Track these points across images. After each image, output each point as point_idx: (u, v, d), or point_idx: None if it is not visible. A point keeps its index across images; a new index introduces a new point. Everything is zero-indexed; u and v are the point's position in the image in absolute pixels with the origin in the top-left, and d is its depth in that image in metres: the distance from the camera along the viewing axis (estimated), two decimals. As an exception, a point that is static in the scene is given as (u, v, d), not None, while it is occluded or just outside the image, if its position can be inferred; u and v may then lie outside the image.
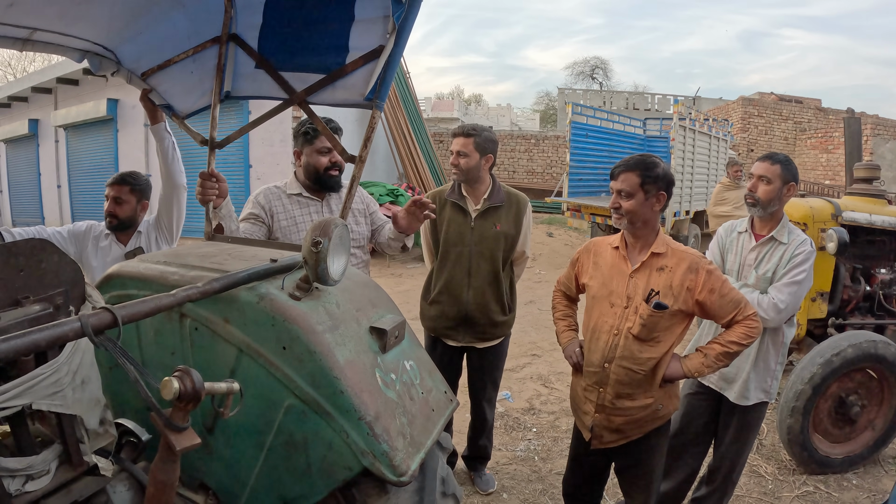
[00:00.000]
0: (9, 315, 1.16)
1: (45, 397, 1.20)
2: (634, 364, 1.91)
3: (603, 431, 2.02)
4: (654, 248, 1.93)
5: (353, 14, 1.52)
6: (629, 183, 1.90)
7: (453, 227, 2.60)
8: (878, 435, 3.18)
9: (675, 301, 1.87)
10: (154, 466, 0.96)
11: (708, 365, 1.90)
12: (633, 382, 1.92)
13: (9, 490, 1.18)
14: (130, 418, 1.50)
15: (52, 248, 1.26)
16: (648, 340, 1.90)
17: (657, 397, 1.95)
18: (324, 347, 1.17)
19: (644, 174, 1.88)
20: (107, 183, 2.57)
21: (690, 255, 1.91)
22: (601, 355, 1.97)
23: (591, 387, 2.01)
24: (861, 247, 3.77)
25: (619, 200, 1.93)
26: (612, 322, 1.95)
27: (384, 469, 1.16)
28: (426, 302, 2.73)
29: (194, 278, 1.32)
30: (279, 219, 2.22)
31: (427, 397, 1.40)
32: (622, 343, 1.92)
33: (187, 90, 2.03)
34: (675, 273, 1.89)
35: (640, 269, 1.94)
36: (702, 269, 1.87)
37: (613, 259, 2.02)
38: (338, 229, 1.19)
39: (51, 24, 1.73)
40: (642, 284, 1.91)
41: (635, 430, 1.99)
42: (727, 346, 1.87)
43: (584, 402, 2.06)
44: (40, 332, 0.90)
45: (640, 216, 1.91)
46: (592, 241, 2.17)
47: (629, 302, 1.93)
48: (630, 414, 1.95)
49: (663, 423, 2.03)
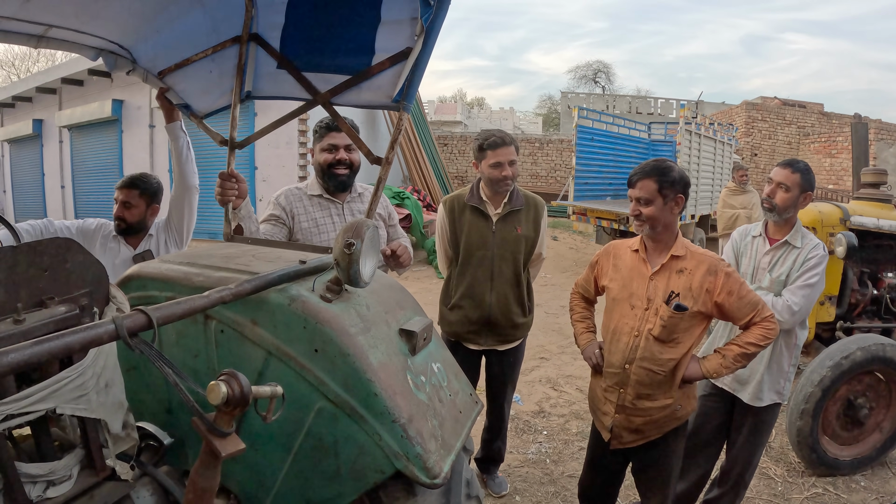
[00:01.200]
0: (34, 316, 1.14)
1: (70, 401, 1.18)
2: (655, 365, 1.93)
3: (623, 432, 2.04)
4: (673, 251, 1.95)
5: (380, 15, 1.51)
6: (647, 189, 1.92)
7: (475, 232, 2.59)
8: (886, 437, 3.21)
9: (695, 303, 1.90)
10: (194, 472, 0.94)
11: (726, 366, 1.91)
12: (653, 383, 1.94)
13: (30, 496, 1.16)
14: (149, 421, 1.49)
15: (77, 248, 1.24)
16: (668, 342, 1.92)
17: (676, 398, 1.97)
18: (357, 350, 1.16)
19: (661, 179, 1.91)
20: (116, 186, 2.50)
21: (709, 258, 1.93)
22: (622, 356, 1.99)
23: (612, 388, 2.03)
24: (869, 251, 3.79)
25: (638, 207, 1.95)
26: (633, 323, 1.97)
27: (417, 471, 1.15)
28: (446, 307, 2.70)
29: (220, 280, 1.31)
30: (300, 220, 2.21)
31: (455, 399, 1.39)
32: (643, 344, 1.94)
33: (206, 90, 2.02)
34: (694, 275, 1.91)
35: (660, 272, 1.96)
36: (720, 271, 1.89)
37: (633, 262, 2.04)
38: (369, 231, 1.18)
39: (66, 22, 1.71)
40: (662, 286, 1.94)
41: (654, 431, 2.02)
42: (745, 347, 1.89)
43: (603, 403, 2.08)
44: (73, 335, 0.88)
45: (661, 221, 1.94)
46: (612, 244, 2.19)
47: (649, 304, 1.95)
48: (650, 414, 1.98)
49: (681, 423, 2.05)
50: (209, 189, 2.01)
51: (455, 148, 17.26)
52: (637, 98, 28.41)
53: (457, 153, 17.18)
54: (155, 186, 2.54)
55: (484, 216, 2.59)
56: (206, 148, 4.15)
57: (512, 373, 2.81)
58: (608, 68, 37.95)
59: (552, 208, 12.02)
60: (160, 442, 1.49)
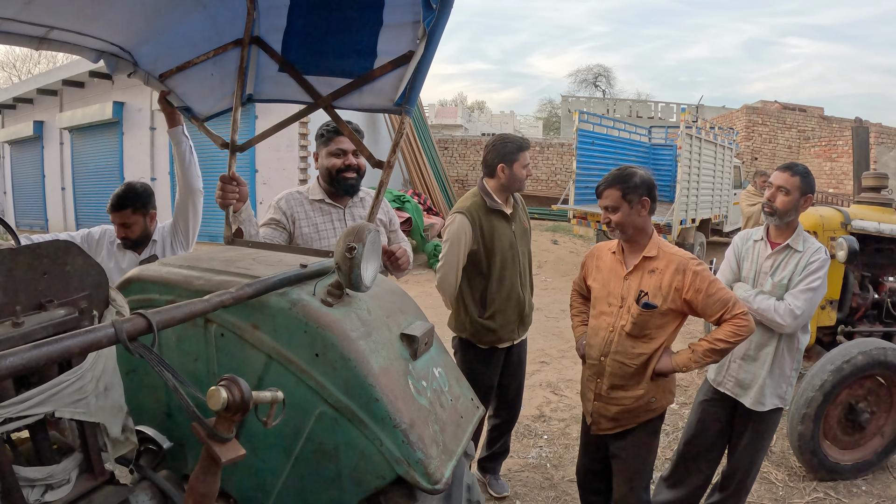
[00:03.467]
0: (33, 319, 1.13)
1: (69, 405, 1.17)
2: (626, 358, 2.08)
3: (600, 419, 2.19)
4: (645, 252, 2.08)
5: (382, 19, 1.51)
6: (612, 198, 2.06)
7: (505, 236, 2.62)
8: (888, 442, 3.21)
9: (665, 301, 2.01)
10: (194, 478, 0.93)
11: (695, 360, 2.00)
12: (625, 375, 2.09)
13: (28, 500, 1.16)
14: (148, 425, 1.48)
15: (76, 251, 1.24)
16: (641, 337, 2.05)
17: (649, 390, 2.08)
18: (358, 354, 1.16)
19: (624, 187, 2.03)
20: (108, 209, 2.45)
21: (679, 257, 2.03)
22: (598, 350, 2.15)
23: (591, 377, 2.21)
24: (869, 255, 3.79)
25: (608, 215, 2.09)
26: (609, 320, 2.13)
27: (419, 477, 1.14)
28: (482, 318, 2.61)
29: (221, 283, 1.30)
30: (301, 225, 2.20)
31: (456, 404, 1.38)
32: (616, 339, 2.09)
33: (207, 92, 2.01)
34: (664, 275, 2.02)
35: (634, 272, 2.09)
36: (689, 270, 1.99)
37: (612, 262, 2.19)
38: (371, 235, 1.18)
39: (67, 23, 1.70)
40: (635, 286, 2.07)
41: (629, 420, 2.14)
42: (714, 343, 1.97)
43: (587, 391, 2.25)
44: (72, 338, 0.88)
45: (630, 225, 2.07)
46: (596, 246, 2.35)
47: (623, 302, 2.09)
48: (623, 404, 2.11)
49: (656, 415, 2.15)
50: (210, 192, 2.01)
51: (455, 151, 17.27)
52: (637, 102, 28.47)
53: (457, 157, 17.19)
54: (144, 195, 2.49)
55: (505, 218, 2.65)
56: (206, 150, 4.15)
57: (524, 361, 2.94)
58: (608, 72, 38.10)
59: (553, 212, 12.07)
60: (159, 446, 1.48)
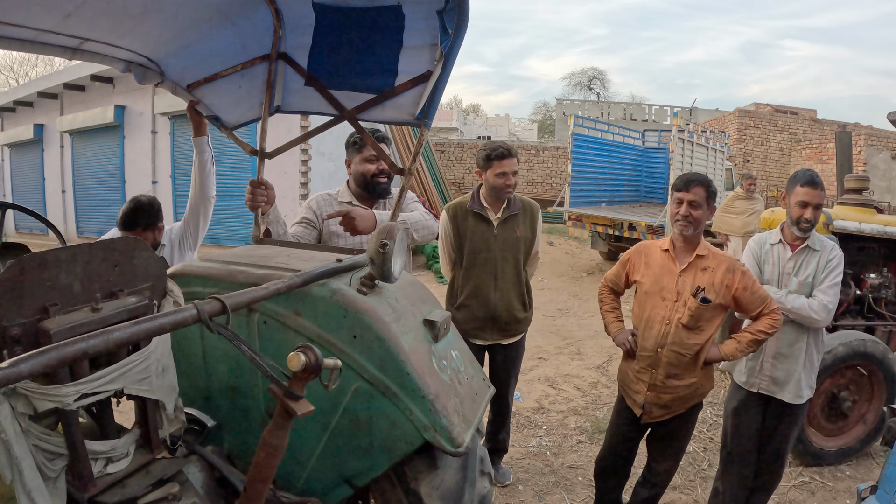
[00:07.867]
0: (109, 305, 1.31)
1: (136, 382, 1.34)
2: (682, 349, 2.25)
3: (653, 408, 2.34)
4: (698, 251, 2.28)
5: (402, 41, 1.66)
6: (700, 195, 2.22)
7: (479, 236, 2.80)
8: (870, 429, 3.38)
9: (717, 296, 2.21)
10: (267, 433, 1.10)
11: (741, 350, 2.24)
12: (680, 364, 2.26)
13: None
14: (187, 406, 1.64)
15: (142, 246, 1.41)
16: (694, 329, 2.23)
17: (699, 377, 2.28)
18: (391, 335, 1.33)
19: (708, 189, 2.23)
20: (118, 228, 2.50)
21: (728, 258, 2.28)
22: (654, 342, 2.29)
23: (644, 369, 2.33)
24: (851, 253, 3.92)
25: (689, 210, 2.23)
26: (664, 314, 2.28)
27: (444, 441, 1.31)
28: (453, 307, 2.88)
29: (262, 276, 1.47)
30: (329, 224, 2.38)
31: (471, 382, 1.56)
32: (672, 331, 2.25)
33: (235, 103, 2.14)
34: (716, 273, 2.23)
35: (688, 269, 2.27)
36: (738, 270, 2.23)
37: (663, 260, 2.34)
38: (400, 233, 1.35)
39: (101, 36, 1.79)
40: (689, 282, 2.25)
41: (679, 406, 2.33)
42: (756, 334, 2.21)
43: (635, 383, 2.38)
44: (164, 317, 1.04)
45: (702, 224, 2.27)
46: (642, 243, 2.50)
47: (678, 296, 2.26)
48: (677, 392, 2.29)
49: (700, 400, 2.37)
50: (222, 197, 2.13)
51: (452, 155, 17.44)
52: (632, 105, 28.77)
53: (454, 160, 17.36)
54: (152, 212, 2.54)
55: (486, 221, 2.81)
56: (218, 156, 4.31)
57: (514, 366, 3.03)
58: (603, 75, 38.49)
59: (548, 214, 12.26)
60: (202, 425, 1.65)
